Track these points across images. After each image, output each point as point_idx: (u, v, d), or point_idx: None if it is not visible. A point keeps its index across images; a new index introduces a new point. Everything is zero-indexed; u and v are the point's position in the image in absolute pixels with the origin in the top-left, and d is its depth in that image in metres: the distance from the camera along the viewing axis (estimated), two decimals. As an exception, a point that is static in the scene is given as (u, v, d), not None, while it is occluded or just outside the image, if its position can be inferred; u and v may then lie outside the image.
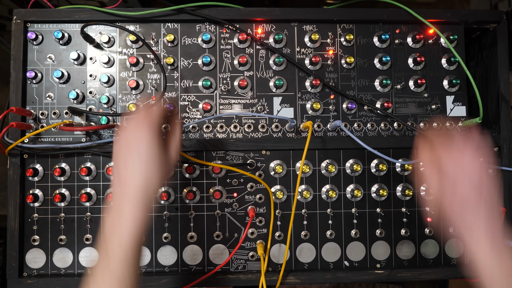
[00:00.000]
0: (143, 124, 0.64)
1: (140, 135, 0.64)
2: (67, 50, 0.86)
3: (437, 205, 0.66)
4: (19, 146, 0.82)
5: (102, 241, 0.61)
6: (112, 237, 0.61)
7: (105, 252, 0.60)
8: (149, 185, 0.64)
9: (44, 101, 0.86)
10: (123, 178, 0.64)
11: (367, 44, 0.89)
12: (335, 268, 0.87)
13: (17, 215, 0.83)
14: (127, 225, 0.61)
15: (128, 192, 0.63)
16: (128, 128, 0.66)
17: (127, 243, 0.60)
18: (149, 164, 0.63)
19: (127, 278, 0.59)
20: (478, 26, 0.90)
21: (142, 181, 0.63)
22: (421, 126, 0.88)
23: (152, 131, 0.64)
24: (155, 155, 0.64)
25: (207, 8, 0.87)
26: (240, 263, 0.87)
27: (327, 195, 0.86)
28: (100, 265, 0.61)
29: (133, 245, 0.60)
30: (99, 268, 0.60)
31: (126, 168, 0.64)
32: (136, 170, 0.63)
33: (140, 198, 0.63)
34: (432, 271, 0.87)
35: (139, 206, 0.62)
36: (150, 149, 0.63)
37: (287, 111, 0.88)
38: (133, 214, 0.62)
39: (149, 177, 0.63)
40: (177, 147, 0.70)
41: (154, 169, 0.64)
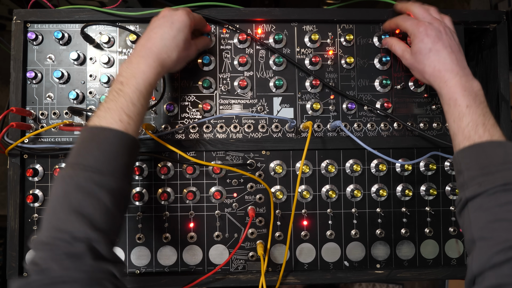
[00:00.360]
0: (187, 12, 0.75)
1: (181, 15, 0.74)
2: (67, 50, 0.86)
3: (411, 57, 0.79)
4: (19, 146, 0.83)
5: (117, 78, 0.68)
6: (124, 81, 0.67)
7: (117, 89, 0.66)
8: (168, 52, 0.72)
9: (44, 101, 0.86)
10: (149, 35, 0.72)
11: (367, 44, 0.89)
12: (335, 268, 0.87)
13: (17, 215, 0.83)
14: (140, 79, 0.67)
15: (148, 49, 0.71)
16: (174, 9, 0.76)
17: (135, 89, 0.66)
18: (176, 35, 0.72)
19: (136, 102, 0.65)
20: (478, 26, 0.90)
21: (164, 43, 0.71)
22: (421, 126, 0.88)
23: (190, 21, 0.75)
24: (184, 35, 0.73)
25: (207, 8, 0.87)
26: (240, 263, 0.87)
27: (327, 195, 0.86)
28: (115, 89, 0.66)
29: (144, 92, 0.67)
30: (113, 91, 0.66)
31: (157, 29, 0.73)
32: (163, 32, 0.72)
33: (156, 59, 0.70)
34: (432, 271, 0.87)
35: (155, 65, 0.69)
36: (183, 27, 0.74)
37: (287, 111, 0.88)
38: (149, 69, 0.68)
39: (171, 45, 0.72)
40: (198, 48, 0.82)
41: (178, 43, 0.73)
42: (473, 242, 0.60)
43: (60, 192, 0.59)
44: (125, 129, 0.63)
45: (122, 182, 0.61)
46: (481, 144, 0.64)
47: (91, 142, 0.61)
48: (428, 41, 0.75)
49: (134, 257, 0.86)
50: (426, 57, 0.75)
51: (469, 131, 0.66)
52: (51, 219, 0.57)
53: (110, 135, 0.61)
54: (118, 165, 0.61)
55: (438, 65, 0.74)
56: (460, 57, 0.75)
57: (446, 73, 0.72)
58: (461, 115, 0.68)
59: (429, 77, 0.75)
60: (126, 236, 0.86)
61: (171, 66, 0.74)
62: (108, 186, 0.59)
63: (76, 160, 0.60)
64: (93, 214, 0.56)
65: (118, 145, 0.61)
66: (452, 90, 0.70)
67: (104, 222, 0.57)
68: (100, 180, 0.58)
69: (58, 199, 0.58)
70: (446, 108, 0.72)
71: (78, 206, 0.56)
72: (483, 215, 0.60)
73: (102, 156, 0.60)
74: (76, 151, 0.62)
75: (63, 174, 0.60)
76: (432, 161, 0.88)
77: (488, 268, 0.55)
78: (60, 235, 0.54)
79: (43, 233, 0.56)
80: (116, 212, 0.60)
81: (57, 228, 0.55)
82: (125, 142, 0.62)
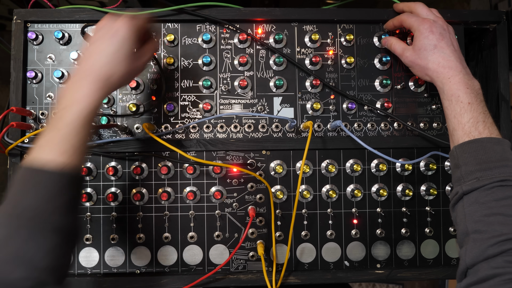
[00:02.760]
0: (129, 19, 0.67)
1: (123, 24, 0.66)
2: (68, 50, 0.86)
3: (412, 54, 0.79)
4: (19, 146, 0.82)
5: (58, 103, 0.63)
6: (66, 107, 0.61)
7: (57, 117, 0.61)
8: (111, 70, 0.65)
9: (44, 101, 0.86)
10: (90, 51, 0.66)
11: (367, 44, 0.89)
12: (335, 268, 0.87)
13: (17, 215, 0.83)
14: (81, 105, 0.61)
15: (89, 69, 0.64)
16: (114, 16, 0.69)
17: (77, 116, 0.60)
18: (118, 49, 0.65)
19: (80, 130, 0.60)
20: (478, 26, 0.90)
21: (106, 61, 0.64)
22: (421, 126, 0.88)
23: (134, 28, 0.67)
24: (128, 46, 0.66)
25: (207, 8, 0.87)
26: (240, 263, 0.87)
27: (327, 195, 0.86)
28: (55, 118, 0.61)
29: (86, 119, 0.61)
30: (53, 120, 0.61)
31: (97, 43, 0.66)
32: (103, 48, 0.65)
33: (99, 80, 0.63)
34: (432, 271, 0.87)
35: (98, 87, 0.63)
36: (126, 38, 0.66)
37: (287, 111, 0.88)
38: (91, 93, 0.62)
39: (113, 62, 0.65)
40: (146, 57, 0.73)
41: (123, 57, 0.66)
42: (467, 234, 0.61)
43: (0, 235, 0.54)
44: (66, 163, 0.58)
45: (67, 218, 0.58)
46: (481, 140, 0.66)
47: (27, 183, 0.57)
48: (433, 38, 0.76)
49: (134, 257, 0.86)
50: (430, 53, 0.76)
51: (469, 127, 0.68)
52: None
53: (47, 176, 0.57)
54: (60, 204, 0.57)
55: (442, 61, 0.75)
56: (461, 56, 0.77)
57: (450, 70, 0.74)
58: (462, 111, 0.69)
59: (431, 73, 0.76)
60: (127, 236, 0.86)
61: (117, 84, 0.67)
62: (51, 226, 0.55)
63: (14, 203, 0.56)
64: (36, 257, 0.53)
65: (57, 185, 0.57)
66: (455, 87, 0.72)
67: (50, 262, 0.54)
68: (41, 221, 0.55)
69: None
70: (446, 104, 0.73)
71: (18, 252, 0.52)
72: (479, 209, 0.61)
73: (40, 198, 0.56)
74: (14, 193, 0.57)
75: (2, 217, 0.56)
76: (432, 161, 0.88)
77: (482, 260, 0.56)
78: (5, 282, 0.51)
79: None
80: (63, 249, 0.57)
81: None
82: (65, 179, 0.58)
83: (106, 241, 0.85)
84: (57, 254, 0.55)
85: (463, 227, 0.63)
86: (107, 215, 0.85)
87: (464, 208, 0.63)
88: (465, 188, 0.64)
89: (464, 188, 0.64)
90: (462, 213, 0.63)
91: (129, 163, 0.86)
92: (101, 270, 0.86)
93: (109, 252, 0.86)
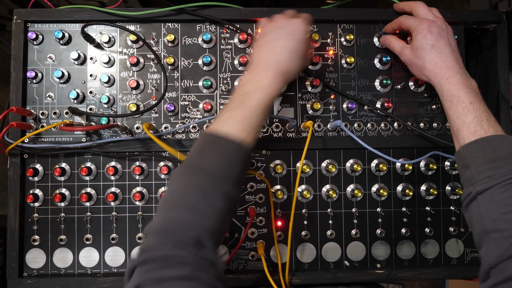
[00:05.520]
0: (304, 20, 0.75)
1: (298, 23, 0.74)
2: (68, 50, 0.86)
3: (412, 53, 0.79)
4: (19, 146, 0.82)
5: (239, 89, 0.69)
6: (250, 92, 0.67)
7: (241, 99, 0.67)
8: (291, 66, 0.72)
9: (45, 101, 0.86)
10: (271, 47, 0.72)
11: (367, 44, 0.90)
12: (335, 268, 0.87)
13: (17, 215, 0.83)
14: (265, 92, 0.67)
15: (273, 63, 0.70)
16: (288, 15, 0.76)
17: (261, 101, 0.67)
18: (297, 47, 0.72)
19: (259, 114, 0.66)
20: (478, 26, 0.91)
21: (287, 57, 0.71)
22: (421, 126, 0.89)
23: (307, 29, 0.76)
24: (304, 45, 0.73)
25: (208, 8, 0.87)
26: (241, 263, 0.87)
27: (327, 195, 0.86)
28: (237, 100, 0.68)
29: (267, 105, 0.68)
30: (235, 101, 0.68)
31: (279, 41, 0.72)
32: (285, 45, 0.72)
33: (281, 73, 0.70)
34: (432, 271, 0.87)
35: (280, 79, 0.70)
36: (303, 38, 0.73)
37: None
38: (274, 83, 0.69)
39: (293, 58, 0.72)
40: (308, 54, 0.84)
41: (300, 55, 0.73)
42: (486, 234, 0.61)
43: (178, 187, 0.61)
44: (244, 139, 0.64)
45: (235, 188, 0.63)
46: (487, 138, 0.66)
47: (211, 147, 0.63)
48: (431, 38, 0.76)
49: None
50: (428, 53, 0.76)
51: (474, 126, 0.68)
52: (167, 211, 0.59)
53: (230, 144, 0.63)
54: (233, 173, 0.62)
55: (439, 62, 0.75)
56: (459, 57, 0.77)
57: (447, 70, 0.74)
58: (465, 111, 0.70)
59: (429, 73, 0.76)
60: (127, 236, 0.86)
61: (292, 77, 0.74)
62: (223, 191, 0.61)
63: (196, 162, 0.63)
64: (207, 213, 0.59)
65: (235, 154, 0.63)
66: (454, 87, 0.72)
67: (215, 222, 0.59)
68: (217, 183, 0.60)
69: (176, 194, 0.61)
70: (447, 105, 0.73)
71: (194, 204, 0.59)
72: (496, 207, 0.61)
73: (220, 162, 0.62)
74: (197, 153, 0.64)
75: (183, 172, 0.62)
76: (432, 160, 0.88)
77: (506, 259, 0.56)
78: (172, 229, 0.57)
79: (158, 222, 0.58)
80: (226, 215, 0.62)
81: (173, 219, 0.58)
82: (242, 152, 0.64)
83: (106, 241, 0.85)
84: (220, 218, 0.60)
85: (480, 227, 0.62)
86: (107, 215, 0.85)
87: (479, 207, 0.63)
88: (478, 188, 0.63)
89: (477, 188, 0.64)
90: (478, 213, 0.63)
91: (129, 163, 0.86)
92: (101, 270, 0.86)
93: (109, 252, 0.85)
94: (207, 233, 0.58)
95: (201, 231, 0.57)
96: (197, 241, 0.56)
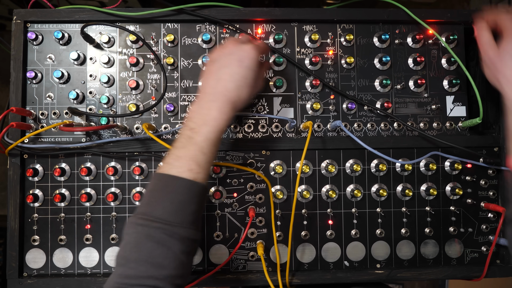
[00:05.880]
0: (254, 47, 0.71)
1: (247, 50, 0.70)
2: (67, 50, 0.86)
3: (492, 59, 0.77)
4: (19, 146, 0.83)
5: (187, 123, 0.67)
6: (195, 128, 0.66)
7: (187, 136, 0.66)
8: (239, 95, 0.69)
9: (44, 101, 0.86)
10: (218, 76, 0.69)
11: (367, 44, 0.89)
12: (335, 268, 0.87)
13: (17, 215, 0.83)
14: (212, 126, 0.66)
15: (219, 92, 0.68)
16: (238, 41, 0.73)
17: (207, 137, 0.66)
18: (246, 75, 0.69)
19: (206, 151, 0.65)
20: (478, 26, 0.90)
21: (235, 85, 0.69)
22: (421, 126, 0.88)
23: (258, 56, 0.71)
24: (253, 72, 0.70)
25: (207, 8, 0.87)
26: (240, 263, 0.87)
27: (327, 195, 0.86)
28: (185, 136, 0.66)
29: (214, 140, 0.66)
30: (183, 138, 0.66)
31: (226, 69, 0.69)
32: (233, 73, 0.69)
33: (228, 103, 0.68)
34: (432, 271, 0.87)
35: (227, 110, 0.68)
36: (252, 65, 0.70)
37: (287, 111, 0.88)
38: (220, 116, 0.67)
39: (241, 86, 0.69)
40: (262, 78, 0.80)
41: (250, 82, 0.70)
42: None
43: (131, 240, 0.61)
44: (194, 178, 0.64)
45: (190, 230, 0.63)
46: None
47: (161, 192, 0.63)
48: None
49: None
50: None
51: None
52: (122, 267, 0.60)
53: (180, 185, 0.63)
54: (186, 215, 0.62)
55: None
56: None
57: None
58: None
59: (504, 80, 0.75)
60: (126, 236, 0.86)
61: (241, 106, 0.71)
62: (177, 236, 0.61)
63: (147, 210, 0.62)
64: (163, 263, 0.59)
65: (187, 195, 0.63)
66: None
67: (173, 268, 0.60)
68: (170, 230, 0.60)
69: (129, 247, 0.61)
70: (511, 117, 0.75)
71: (148, 255, 0.59)
72: None
73: (172, 207, 0.62)
74: (148, 200, 0.64)
75: (135, 222, 0.62)
76: (432, 161, 0.88)
77: None
78: (130, 282, 0.58)
79: (114, 279, 0.60)
80: (185, 258, 0.62)
81: (128, 276, 0.59)
82: (194, 191, 0.64)
83: (106, 241, 0.85)
84: (179, 263, 0.61)
85: None
86: (107, 215, 0.85)
87: None
88: None
89: None
90: None
91: (129, 163, 0.86)
92: (101, 270, 0.86)
93: (109, 252, 0.86)
94: (165, 283, 0.58)
95: (158, 282, 0.58)
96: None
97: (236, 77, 0.69)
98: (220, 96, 0.68)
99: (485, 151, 0.89)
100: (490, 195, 0.89)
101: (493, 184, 0.89)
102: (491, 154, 0.89)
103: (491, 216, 0.89)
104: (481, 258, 0.89)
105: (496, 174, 0.89)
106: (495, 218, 0.89)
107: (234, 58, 0.70)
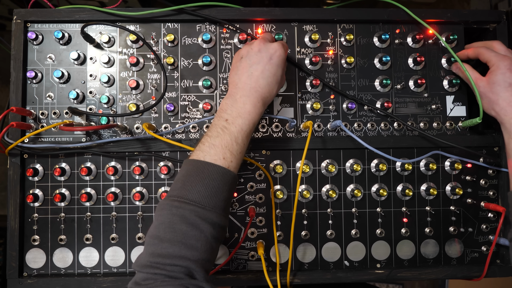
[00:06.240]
0: (282, 46, 0.75)
1: (276, 47, 0.74)
2: (67, 50, 0.86)
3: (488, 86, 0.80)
4: (19, 146, 0.83)
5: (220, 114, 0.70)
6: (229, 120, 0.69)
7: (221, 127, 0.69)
8: (270, 91, 0.73)
9: (44, 101, 0.86)
10: (250, 72, 0.72)
11: (367, 44, 0.89)
12: (335, 268, 0.87)
13: (17, 215, 0.83)
14: (246, 119, 0.69)
15: (252, 88, 0.71)
16: (265, 39, 0.77)
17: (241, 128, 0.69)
18: (276, 71, 0.73)
19: (240, 141, 0.68)
20: (478, 26, 0.91)
21: (266, 82, 0.72)
22: (421, 126, 0.88)
23: (284, 51, 0.76)
24: (282, 70, 0.75)
25: (207, 8, 0.87)
26: (240, 263, 0.87)
27: (327, 195, 0.86)
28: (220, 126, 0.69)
29: (248, 132, 0.70)
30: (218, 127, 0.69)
31: (257, 66, 0.73)
32: (264, 70, 0.72)
33: (261, 98, 0.72)
34: (432, 271, 0.87)
35: (259, 105, 0.71)
36: (281, 63, 0.74)
37: (287, 111, 0.88)
38: (254, 110, 0.70)
39: (272, 82, 0.73)
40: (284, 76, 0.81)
41: (279, 79, 0.74)
42: None
43: (165, 220, 0.62)
44: (228, 166, 0.66)
45: (221, 216, 0.65)
46: None
47: (196, 176, 0.65)
48: (510, 76, 0.78)
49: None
50: (504, 90, 0.78)
51: None
52: (155, 246, 0.61)
53: (214, 171, 0.65)
54: (219, 201, 0.65)
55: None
56: None
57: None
58: None
59: (500, 109, 0.79)
60: (127, 236, 0.86)
61: (270, 101, 0.76)
62: (210, 220, 0.63)
63: (181, 193, 0.64)
64: (195, 245, 0.61)
65: (220, 181, 0.65)
66: None
67: (204, 252, 0.61)
68: (204, 214, 0.62)
69: (163, 227, 0.62)
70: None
71: (182, 236, 0.60)
72: None
73: (206, 192, 0.63)
74: (182, 184, 0.65)
75: (169, 204, 0.63)
76: (432, 160, 0.88)
77: None
78: (163, 261, 0.59)
79: (147, 257, 0.61)
80: (214, 243, 0.63)
81: (161, 255, 0.60)
82: (226, 178, 0.66)
83: (106, 241, 0.85)
84: (209, 247, 0.62)
85: None
86: (107, 215, 0.85)
87: None
88: None
89: None
90: None
91: (129, 163, 0.86)
92: (101, 270, 0.86)
93: (109, 252, 0.86)
94: (196, 264, 0.60)
95: (191, 263, 0.59)
96: (188, 273, 0.59)
97: (266, 73, 0.72)
98: (253, 92, 0.71)
99: (485, 151, 0.89)
100: (490, 195, 0.89)
101: (493, 184, 0.89)
102: (491, 154, 0.89)
103: (491, 216, 0.89)
104: (481, 258, 0.89)
105: (496, 174, 0.89)
106: (495, 218, 0.89)
107: (264, 56, 0.73)
